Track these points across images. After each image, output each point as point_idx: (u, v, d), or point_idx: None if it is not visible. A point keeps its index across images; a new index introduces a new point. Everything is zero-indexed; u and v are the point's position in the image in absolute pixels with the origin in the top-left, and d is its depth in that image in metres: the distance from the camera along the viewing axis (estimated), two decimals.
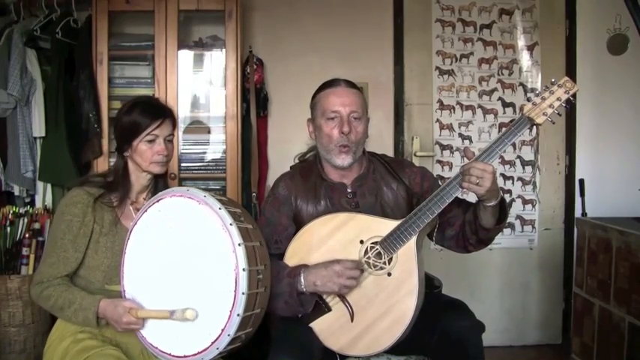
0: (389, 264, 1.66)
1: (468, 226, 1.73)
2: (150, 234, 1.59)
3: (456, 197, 1.79)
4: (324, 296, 1.70)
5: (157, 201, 1.59)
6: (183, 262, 1.52)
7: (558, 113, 1.62)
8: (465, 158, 1.66)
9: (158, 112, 1.70)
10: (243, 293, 1.43)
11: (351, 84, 1.85)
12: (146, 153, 1.68)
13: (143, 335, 1.58)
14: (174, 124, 1.75)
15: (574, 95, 1.62)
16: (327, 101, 1.79)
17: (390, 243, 1.66)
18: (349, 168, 1.81)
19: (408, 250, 1.65)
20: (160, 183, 1.79)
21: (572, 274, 2.97)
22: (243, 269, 1.43)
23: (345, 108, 1.77)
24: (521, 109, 1.63)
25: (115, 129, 1.72)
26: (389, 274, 1.66)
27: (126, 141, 1.68)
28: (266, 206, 1.88)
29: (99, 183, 1.72)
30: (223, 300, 1.44)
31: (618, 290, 2.44)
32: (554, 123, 1.64)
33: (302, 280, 1.66)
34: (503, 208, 1.68)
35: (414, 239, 1.65)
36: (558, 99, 1.60)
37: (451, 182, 1.64)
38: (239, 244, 1.45)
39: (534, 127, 1.63)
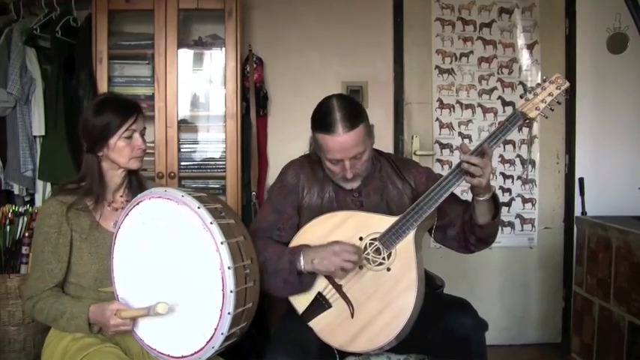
0: (388, 259, 1.67)
1: (466, 226, 1.74)
2: (134, 238, 1.58)
3: (459, 198, 1.81)
4: (324, 292, 1.70)
5: (137, 204, 1.58)
6: (170, 264, 1.52)
7: (551, 108, 1.67)
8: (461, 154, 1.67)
9: (132, 107, 1.69)
10: (231, 291, 1.43)
11: (348, 122, 1.68)
12: (125, 149, 1.67)
13: (141, 337, 1.58)
14: (144, 118, 1.74)
15: (566, 91, 1.67)
16: (326, 146, 1.71)
17: (389, 238, 1.67)
18: None
19: (407, 245, 1.66)
20: (133, 179, 1.78)
21: (572, 273, 2.97)
22: (229, 267, 1.43)
23: (345, 156, 1.71)
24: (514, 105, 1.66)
25: (86, 130, 1.68)
26: (388, 270, 1.67)
27: (101, 140, 1.66)
28: (273, 192, 1.88)
29: (72, 190, 1.69)
30: (213, 299, 1.44)
31: (618, 289, 2.43)
32: (547, 117, 1.70)
33: (301, 258, 1.67)
34: (497, 204, 1.70)
35: (412, 234, 1.66)
36: (550, 94, 1.66)
37: (447, 177, 1.65)
38: (221, 243, 1.44)
39: (528, 121, 1.67)
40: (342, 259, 1.63)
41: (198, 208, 1.47)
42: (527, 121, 1.67)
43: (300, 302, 1.73)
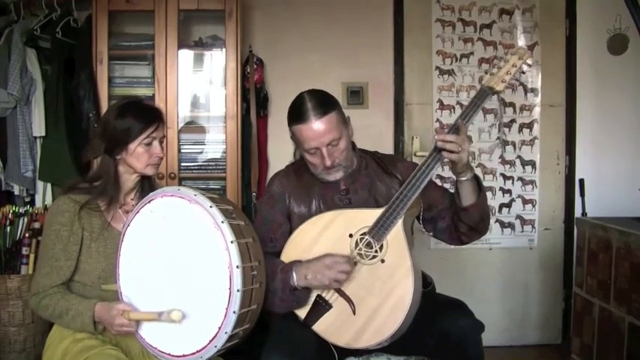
0: (380, 251, 1.67)
1: (455, 217, 1.76)
2: (143, 235, 1.59)
3: (447, 191, 1.82)
4: (323, 294, 1.70)
5: (149, 202, 1.59)
6: (177, 262, 1.53)
7: (517, 79, 1.70)
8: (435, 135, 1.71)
9: (154, 115, 1.71)
10: (238, 290, 1.43)
11: (320, 109, 1.73)
12: (143, 156, 1.68)
13: (142, 336, 1.58)
14: (165, 126, 1.76)
15: (528, 61, 1.70)
16: (303, 138, 1.75)
17: (378, 231, 1.67)
18: None
19: (396, 235, 1.67)
20: (145, 184, 1.78)
21: (572, 274, 2.97)
22: (237, 266, 1.44)
23: (321, 143, 1.73)
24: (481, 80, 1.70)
25: (105, 132, 1.68)
26: (382, 261, 1.67)
27: (121, 144, 1.66)
28: (261, 205, 1.90)
29: (85, 189, 1.70)
30: (219, 298, 1.44)
31: (618, 290, 2.43)
32: (514, 90, 1.75)
33: (294, 275, 1.67)
34: (479, 184, 1.72)
35: (400, 222, 1.67)
36: (514, 65, 1.69)
37: (426, 161, 1.67)
38: (231, 242, 1.45)
39: (496, 95, 1.71)
40: (336, 270, 1.63)
41: (210, 207, 1.48)
42: (496, 94, 1.70)
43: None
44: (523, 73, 1.72)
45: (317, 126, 1.72)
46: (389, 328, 1.62)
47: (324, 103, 1.76)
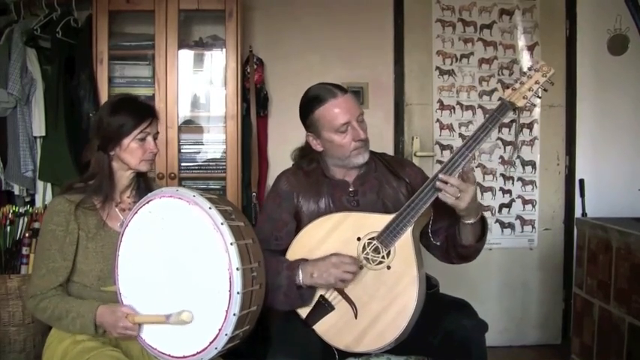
0: (387, 257, 1.67)
1: (450, 240, 1.74)
2: (142, 236, 1.58)
3: (450, 209, 1.81)
4: (327, 295, 1.71)
5: (147, 202, 1.59)
6: (177, 263, 1.52)
7: (538, 96, 1.69)
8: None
9: (148, 111, 1.71)
10: (238, 292, 1.43)
11: (339, 87, 1.80)
12: (137, 151, 1.68)
13: (142, 337, 1.58)
14: (158, 123, 1.76)
15: (552, 77, 1.68)
16: (332, 115, 1.75)
17: (387, 237, 1.67)
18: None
19: (405, 242, 1.66)
20: (141, 182, 1.79)
21: (572, 275, 2.97)
22: (237, 268, 1.43)
23: (352, 115, 1.75)
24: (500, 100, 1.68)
25: (100, 128, 1.68)
26: (388, 268, 1.67)
27: (115, 139, 1.66)
28: (267, 202, 1.90)
29: (80, 189, 1.70)
30: (219, 300, 1.44)
31: (618, 290, 2.43)
32: (534, 105, 1.71)
33: (300, 273, 1.67)
34: (484, 228, 1.70)
35: (409, 230, 1.66)
36: (537, 82, 1.67)
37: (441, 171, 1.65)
38: (231, 244, 1.45)
39: (516, 110, 1.69)
40: (342, 270, 1.63)
41: (210, 208, 1.48)
42: (515, 110, 1.68)
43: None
44: (545, 90, 1.69)
45: (344, 99, 1.76)
46: (390, 335, 1.63)
47: (339, 85, 1.82)
